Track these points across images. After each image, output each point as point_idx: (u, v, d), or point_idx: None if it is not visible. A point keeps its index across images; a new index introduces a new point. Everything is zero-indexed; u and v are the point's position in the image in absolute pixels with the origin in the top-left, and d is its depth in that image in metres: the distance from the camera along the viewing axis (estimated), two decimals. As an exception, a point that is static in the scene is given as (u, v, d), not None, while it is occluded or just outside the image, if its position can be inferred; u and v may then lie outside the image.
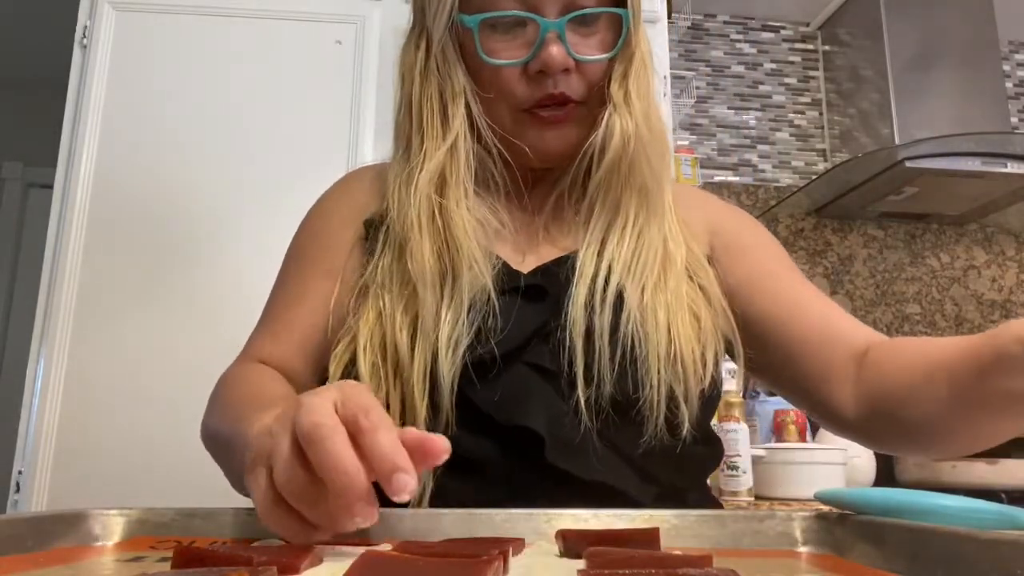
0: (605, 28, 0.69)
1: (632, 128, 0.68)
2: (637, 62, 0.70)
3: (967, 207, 2.33)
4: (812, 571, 0.41)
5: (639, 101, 0.69)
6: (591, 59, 0.68)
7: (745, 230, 0.79)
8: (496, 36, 0.68)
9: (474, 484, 0.63)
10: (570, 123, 0.70)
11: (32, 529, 0.45)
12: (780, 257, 0.78)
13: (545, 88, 0.67)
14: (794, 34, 2.59)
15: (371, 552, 0.36)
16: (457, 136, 0.69)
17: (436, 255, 0.67)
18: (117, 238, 1.49)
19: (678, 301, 0.67)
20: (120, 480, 1.38)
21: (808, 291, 0.75)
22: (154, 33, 1.58)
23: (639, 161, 0.69)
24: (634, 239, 0.69)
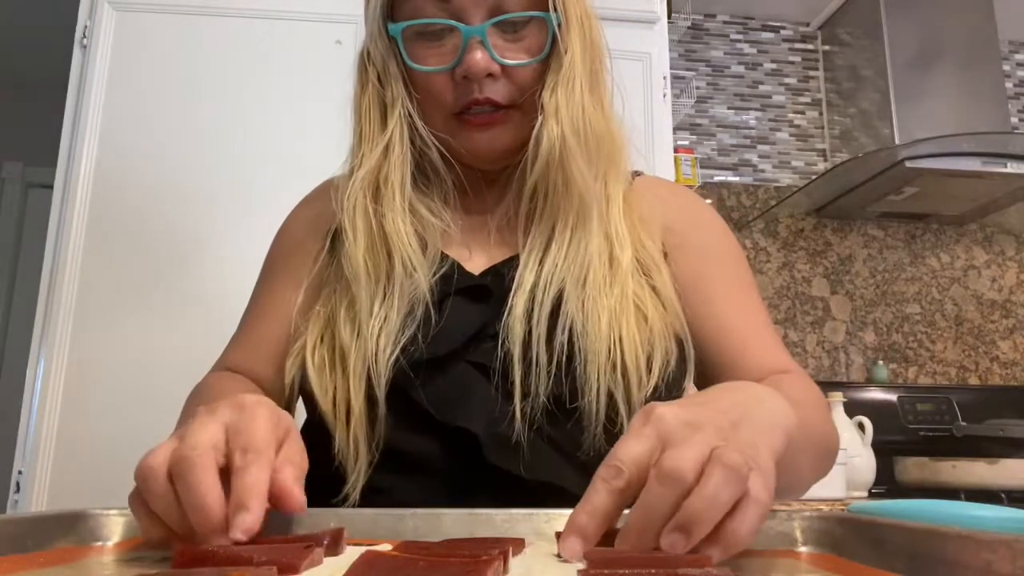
0: (534, 33, 0.69)
1: (558, 134, 0.68)
2: (567, 67, 0.69)
3: (967, 207, 2.33)
4: (812, 571, 0.41)
5: (568, 107, 0.68)
6: (515, 63, 0.68)
7: (696, 228, 0.77)
8: (424, 43, 0.69)
9: (416, 483, 0.64)
10: (500, 126, 0.70)
11: (32, 529, 0.45)
12: (722, 260, 0.76)
13: (471, 93, 0.68)
14: (794, 34, 2.59)
15: (371, 552, 0.36)
16: (392, 139, 0.71)
17: (370, 254, 0.69)
18: (117, 238, 1.49)
19: (623, 305, 0.66)
20: (120, 480, 1.38)
21: (736, 305, 0.73)
22: (154, 33, 1.58)
23: (571, 167, 0.68)
24: (572, 245, 0.69)
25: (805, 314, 2.37)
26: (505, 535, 0.47)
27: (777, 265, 2.39)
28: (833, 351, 2.36)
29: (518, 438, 0.62)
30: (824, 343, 2.36)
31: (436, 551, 0.39)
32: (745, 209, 2.42)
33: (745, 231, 2.40)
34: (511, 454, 0.63)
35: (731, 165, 2.46)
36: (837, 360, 2.35)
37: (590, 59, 0.72)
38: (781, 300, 2.37)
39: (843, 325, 2.38)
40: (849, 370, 2.35)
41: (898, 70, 2.22)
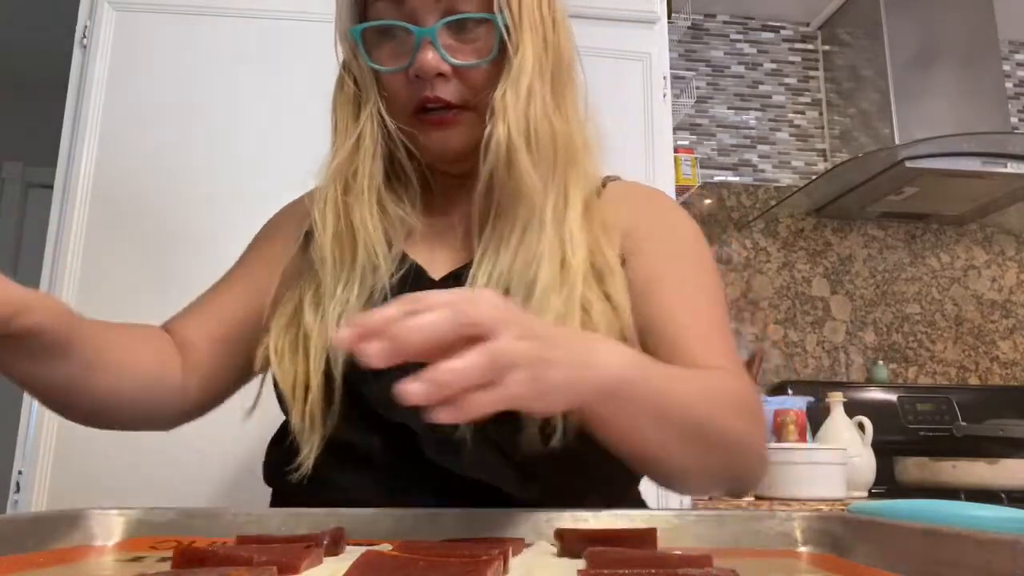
0: (485, 35, 0.70)
1: (505, 135, 0.68)
2: (516, 69, 0.70)
3: (967, 207, 2.33)
4: (812, 571, 0.41)
5: (515, 108, 0.69)
6: (464, 64, 0.70)
7: (657, 233, 0.77)
8: (385, 44, 0.72)
9: (359, 475, 0.66)
10: (455, 126, 0.72)
11: (32, 529, 0.45)
12: (679, 263, 0.76)
13: (423, 91, 0.70)
14: (794, 34, 2.59)
15: (371, 552, 0.36)
16: (363, 133, 0.73)
17: (336, 243, 0.72)
18: (117, 238, 1.49)
19: (568, 307, 0.67)
20: (120, 480, 1.38)
21: (684, 306, 0.72)
22: (154, 33, 1.58)
23: (518, 168, 0.69)
24: (523, 246, 0.69)
25: (805, 314, 2.37)
26: (505, 535, 0.47)
27: (777, 265, 2.39)
28: (833, 351, 2.36)
29: (459, 435, 0.63)
30: (824, 343, 2.36)
31: (436, 551, 0.39)
32: (745, 209, 2.42)
33: (745, 231, 2.40)
34: (451, 451, 0.63)
35: (731, 165, 2.46)
36: (837, 360, 2.35)
37: (551, 61, 0.73)
38: (781, 300, 2.37)
39: (843, 325, 2.38)
40: (849, 370, 2.35)
41: (898, 70, 2.22)
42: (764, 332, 2.34)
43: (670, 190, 1.62)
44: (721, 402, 0.62)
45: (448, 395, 0.41)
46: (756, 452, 0.66)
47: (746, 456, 0.65)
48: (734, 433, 0.63)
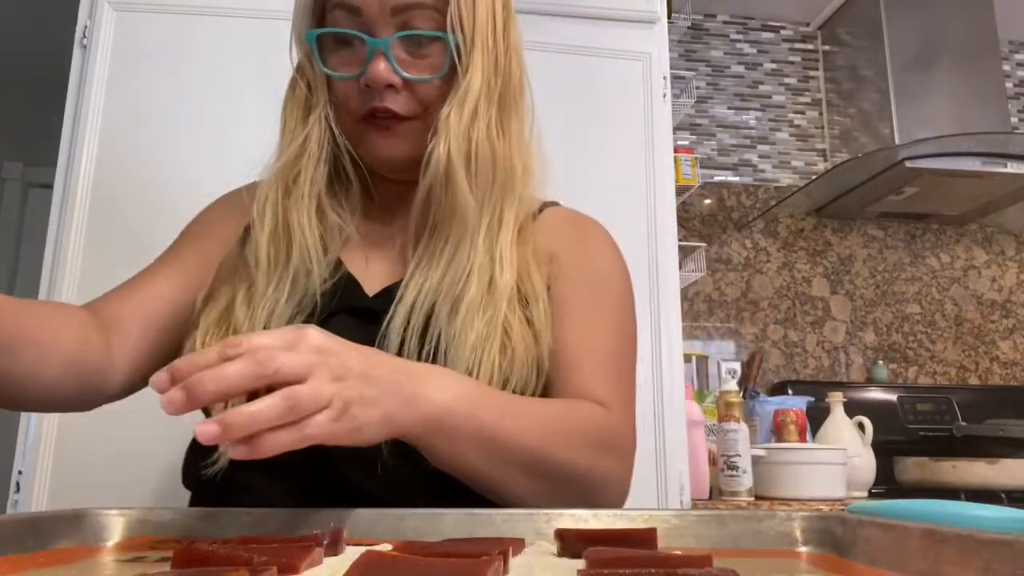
0: (438, 53, 0.72)
1: (445, 154, 0.70)
2: (464, 89, 0.71)
3: (967, 207, 2.34)
4: (812, 571, 0.41)
5: (458, 127, 0.70)
6: (414, 78, 0.71)
7: (578, 258, 0.78)
8: (340, 51, 0.73)
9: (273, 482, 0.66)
10: (400, 136, 0.72)
11: (32, 529, 0.45)
12: (590, 288, 0.76)
13: (372, 100, 0.71)
14: (794, 34, 2.59)
15: (371, 552, 0.36)
16: (309, 136, 0.74)
17: (272, 243, 0.73)
18: (117, 238, 1.49)
19: (490, 329, 0.68)
20: (120, 480, 1.38)
21: (583, 330, 0.73)
22: (154, 33, 1.58)
23: (456, 187, 0.70)
24: (453, 264, 0.70)
25: (805, 314, 2.37)
26: (505, 535, 0.47)
27: (777, 265, 2.39)
28: (833, 351, 2.36)
29: (372, 452, 0.63)
30: (824, 343, 2.36)
31: (436, 551, 0.39)
32: (745, 209, 2.42)
33: (745, 231, 2.40)
34: (362, 468, 0.64)
35: (731, 165, 2.46)
36: (837, 360, 2.35)
37: (500, 85, 0.74)
38: (781, 300, 2.37)
39: (843, 325, 2.38)
40: (849, 370, 2.35)
41: (898, 70, 2.22)
42: (764, 332, 2.34)
43: (670, 190, 1.62)
44: (566, 435, 0.63)
45: (241, 436, 0.44)
46: (606, 484, 0.67)
47: (594, 488, 0.66)
48: (576, 466, 0.63)
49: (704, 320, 2.32)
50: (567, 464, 0.63)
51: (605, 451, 0.66)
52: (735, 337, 2.32)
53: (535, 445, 0.61)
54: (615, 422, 0.69)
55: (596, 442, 0.66)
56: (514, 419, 0.61)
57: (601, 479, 0.66)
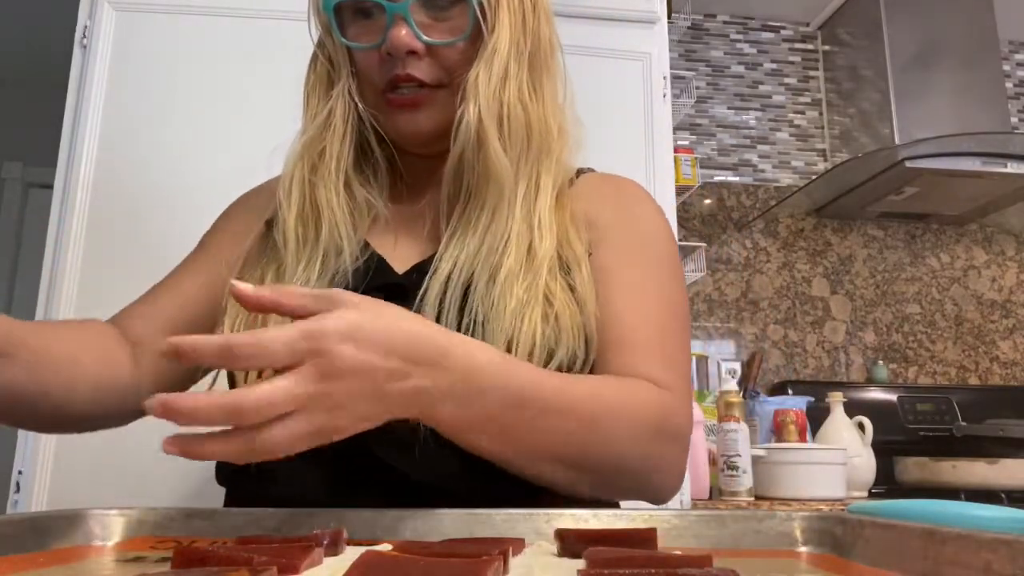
0: (460, 14, 0.69)
1: (475, 115, 0.67)
2: (490, 50, 0.68)
3: (967, 207, 2.34)
4: (812, 571, 0.41)
5: (487, 89, 0.68)
6: (437, 42, 0.68)
7: (620, 223, 0.74)
8: (359, 21, 0.70)
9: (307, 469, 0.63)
10: (424, 107, 0.70)
11: (32, 529, 0.45)
12: (634, 257, 0.72)
13: (395, 69, 0.68)
14: (794, 34, 2.59)
15: (371, 552, 0.36)
16: (333, 112, 0.72)
17: (300, 222, 0.71)
18: (117, 238, 1.49)
19: (531, 295, 0.64)
20: (120, 480, 1.38)
21: (631, 303, 0.69)
22: (154, 33, 1.58)
23: (489, 151, 0.68)
24: (490, 232, 0.68)
25: (805, 314, 2.37)
26: (505, 535, 0.47)
27: (777, 265, 2.39)
28: (833, 351, 2.36)
29: (410, 432, 0.60)
30: (824, 343, 2.36)
31: (436, 551, 0.39)
32: (745, 209, 2.42)
33: (745, 231, 2.40)
34: (401, 451, 0.61)
35: (731, 165, 2.46)
36: (837, 360, 2.35)
37: (529, 45, 0.72)
38: (781, 300, 2.37)
39: (843, 325, 2.38)
40: (849, 370, 2.35)
41: (898, 70, 2.22)
42: (764, 332, 2.34)
43: (670, 190, 1.62)
44: (617, 419, 0.60)
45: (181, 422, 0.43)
46: (661, 472, 0.64)
47: (648, 478, 0.63)
48: (629, 456, 0.60)
49: (704, 320, 2.32)
50: (616, 454, 0.60)
51: (663, 437, 0.63)
52: (735, 337, 2.32)
53: (580, 428, 0.57)
54: (674, 404, 0.64)
55: (654, 428, 0.62)
56: (555, 392, 0.57)
57: (656, 468, 0.63)
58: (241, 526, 0.50)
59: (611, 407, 0.60)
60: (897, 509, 0.44)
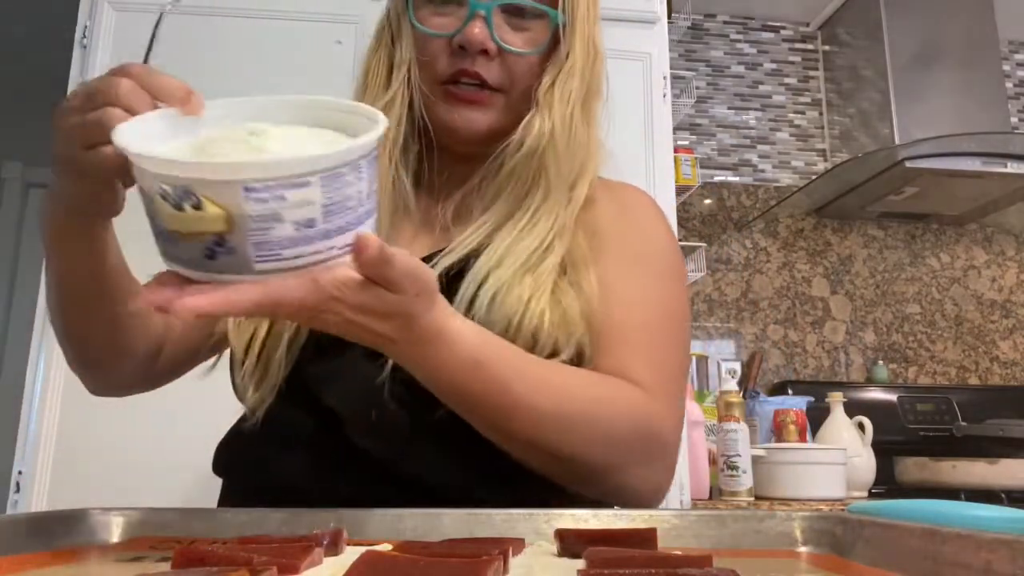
0: (539, 28, 0.71)
1: (548, 129, 0.69)
2: (567, 70, 0.71)
3: (967, 207, 2.34)
4: (812, 571, 0.41)
5: (561, 106, 0.70)
6: (511, 48, 0.70)
7: (623, 232, 0.75)
8: (435, 8, 0.71)
9: (291, 455, 0.65)
10: (483, 107, 0.71)
11: (32, 529, 0.45)
12: (635, 264, 0.73)
13: (462, 63, 0.69)
14: (794, 34, 2.59)
15: (371, 552, 0.36)
16: (394, 98, 0.72)
17: None
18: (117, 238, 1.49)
19: (540, 283, 0.65)
20: (120, 480, 1.38)
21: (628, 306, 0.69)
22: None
23: (549, 161, 0.70)
24: (525, 231, 0.69)
25: (805, 314, 2.37)
26: (505, 535, 0.47)
27: (777, 265, 2.39)
28: (833, 351, 2.36)
29: (388, 421, 0.62)
30: (824, 343, 2.36)
31: (436, 551, 0.39)
32: (745, 209, 2.42)
33: (745, 231, 2.40)
34: (377, 437, 0.62)
35: (731, 165, 2.46)
36: (837, 360, 2.35)
37: (591, 70, 0.74)
38: (781, 300, 2.37)
39: (843, 325, 2.38)
40: (849, 370, 2.35)
41: (898, 70, 2.22)
42: (764, 332, 2.34)
43: (670, 190, 1.62)
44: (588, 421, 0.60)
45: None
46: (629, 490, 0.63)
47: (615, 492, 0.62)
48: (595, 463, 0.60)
49: (704, 320, 2.32)
50: (589, 453, 0.60)
51: (640, 443, 0.62)
52: (735, 337, 2.32)
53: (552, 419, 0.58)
54: (653, 409, 0.63)
55: (630, 432, 0.62)
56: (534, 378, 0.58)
57: (631, 472, 0.62)
58: (241, 526, 0.50)
59: (584, 404, 0.61)
60: (897, 509, 0.44)
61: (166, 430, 1.41)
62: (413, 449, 0.63)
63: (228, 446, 0.72)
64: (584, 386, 0.62)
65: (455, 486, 0.61)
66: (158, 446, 1.41)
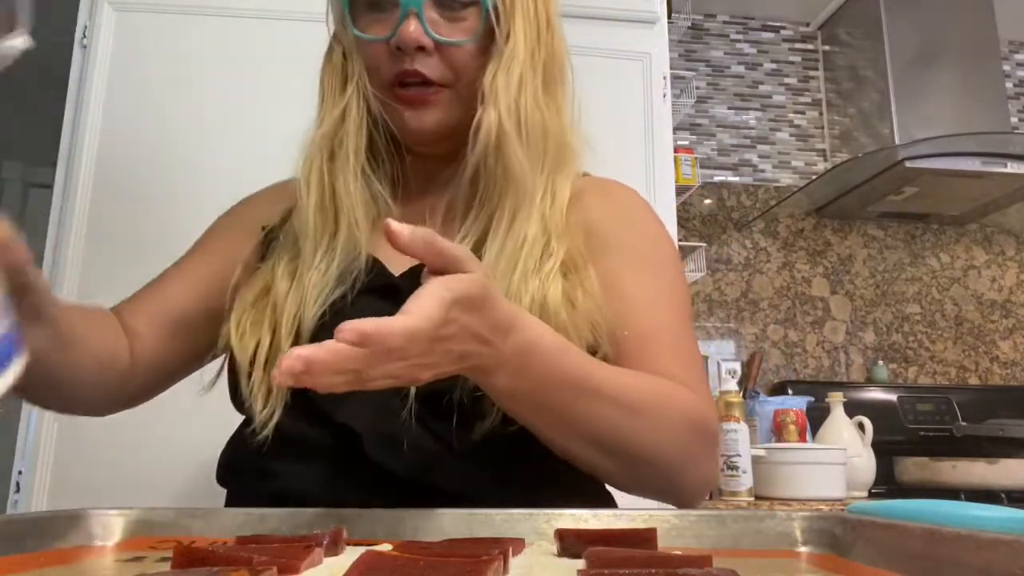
0: (473, 16, 0.70)
1: (495, 121, 0.68)
2: (508, 54, 0.69)
3: (967, 207, 2.33)
4: (812, 571, 0.41)
5: (506, 93, 0.68)
6: (445, 40, 0.69)
7: (620, 230, 0.75)
8: (372, 14, 0.71)
9: (304, 467, 0.65)
10: (432, 106, 0.71)
11: (32, 529, 0.45)
12: (642, 262, 0.73)
13: (403, 64, 0.69)
14: (794, 34, 2.59)
15: (371, 552, 0.36)
16: (348, 104, 0.73)
17: (319, 211, 0.71)
18: (117, 238, 1.49)
19: (545, 288, 0.65)
20: (120, 480, 1.38)
21: (648, 308, 0.70)
22: (154, 33, 1.58)
23: (508, 155, 0.68)
24: (507, 233, 0.68)
25: (805, 314, 2.37)
26: (505, 535, 0.47)
27: (777, 265, 2.39)
28: (833, 351, 2.36)
29: (405, 433, 0.62)
30: (824, 343, 2.36)
31: (436, 551, 0.39)
32: (745, 209, 2.42)
33: (745, 231, 2.40)
34: (393, 452, 0.62)
35: (731, 165, 2.46)
36: (837, 360, 2.35)
37: (542, 55, 0.72)
38: (781, 300, 2.37)
39: (843, 325, 2.38)
40: (849, 370, 2.35)
41: (898, 70, 2.22)
42: (764, 332, 2.34)
43: (670, 190, 1.62)
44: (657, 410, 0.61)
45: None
46: (696, 472, 0.64)
47: (681, 477, 0.63)
48: (666, 450, 0.61)
49: (704, 320, 2.32)
50: (654, 445, 0.60)
51: (698, 436, 0.63)
52: (735, 337, 2.32)
53: (622, 415, 0.58)
54: (705, 405, 0.65)
55: (690, 425, 0.62)
56: (605, 372, 0.59)
57: (692, 465, 0.63)
58: (241, 526, 0.50)
59: (653, 400, 0.61)
60: (897, 509, 0.44)
61: (166, 430, 1.41)
62: (444, 466, 0.63)
63: (234, 456, 0.71)
64: (650, 385, 0.63)
65: (461, 488, 0.61)
66: (158, 446, 1.41)
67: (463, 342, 0.48)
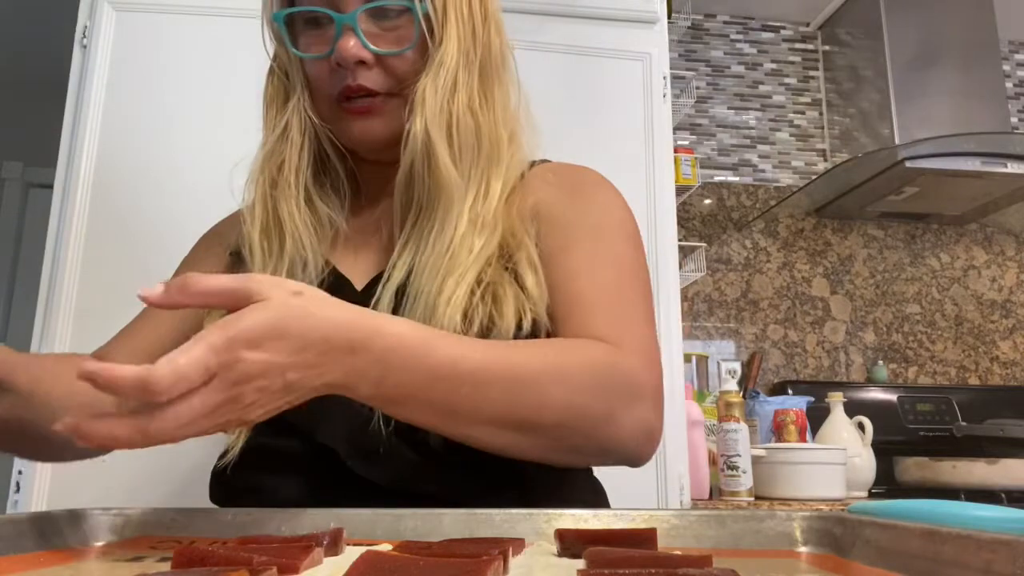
0: (407, 24, 0.69)
1: (422, 129, 0.68)
2: (438, 60, 0.69)
3: (967, 207, 2.34)
4: (812, 571, 0.41)
5: (434, 99, 0.68)
6: (384, 52, 0.68)
7: (570, 204, 0.73)
8: (310, 31, 0.71)
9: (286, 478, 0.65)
10: (379, 115, 0.71)
11: (32, 529, 0.45)
12: (589, 233, 0.71)
13: (345, 79, 0.69)
14: (794, 34, 2.59)
15: (371, 552, 0.36)
16: (289, 124, 0.73)
17: (264, 236, 0.72)
18: (117, 238, 1.49)
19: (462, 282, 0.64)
20: (120, 480, 1.38)
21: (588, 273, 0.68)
22: (154, 33, 1.58)
23: (437, 161, 0.68)
24: (436, 237, 0.67)
25: (805, 314, 2.37)
26: (505, 535, 0.47)
27: (777, 265, 2.39)
28: (833, 351, 2.36)
29: (381, 444, 0.62)
30: (824, 343, 2.36)
31: (436, 551, 0.39)
32: (745, 209, 2.42)
33: (745, 231, 2.40)
34: (375, 465, 0.62)
35: (731, 165, 2.46)
36: (837, 360, 2.35)
37: (479, 55, 0.72)
38: (781, 300, 2.37)
39: (843, 325, 2.38)
40: (849, 370, 2.35)
41: (898, 70, 2.22)
42: (764, 332, 2.34)
43: (670, 190, 1.62)
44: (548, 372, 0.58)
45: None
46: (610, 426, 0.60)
47: (595, 433, 0.60)
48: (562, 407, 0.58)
49: (704, 320, 2.32)
50: (555, 411, 0.58)
51: (609, 390, 0.60)
52: (735, 337, 2.32)
53: (510, 391, 0.56)
54: (620, 358, 0.62)
55: (596, 381, 0.59)
56: (481, 353, 0.55)
57: (605, 422, 0.60)
58: (241, 526, 0.50)
59: (549, 364, 0.59)
60: (897, 509, 0.44)
61: (166, 430, 1.41)
62: (425, 474, 0.63)
63: (220, 476, 0.71)
64: (546, 349, 0.61)
65: (442, 493, 0.61)
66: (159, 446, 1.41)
67: (278, 374, 0.45)
